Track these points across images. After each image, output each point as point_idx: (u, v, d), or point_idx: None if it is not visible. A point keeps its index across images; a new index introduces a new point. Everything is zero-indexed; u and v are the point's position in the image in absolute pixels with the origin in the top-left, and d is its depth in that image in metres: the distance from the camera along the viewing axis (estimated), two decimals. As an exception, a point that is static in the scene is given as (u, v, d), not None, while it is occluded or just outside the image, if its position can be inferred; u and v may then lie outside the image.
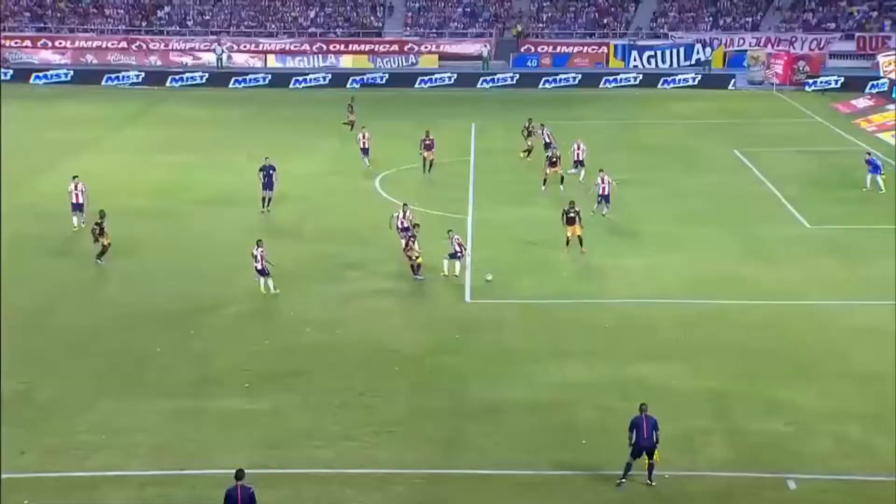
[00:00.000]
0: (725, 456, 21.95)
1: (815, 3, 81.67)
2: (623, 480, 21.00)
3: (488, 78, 72.39)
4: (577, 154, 43.83)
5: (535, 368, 26.37)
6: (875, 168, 42.44)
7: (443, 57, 78.00)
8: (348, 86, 71.45)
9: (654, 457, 20.86)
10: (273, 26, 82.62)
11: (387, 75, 73.54)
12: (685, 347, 27.58)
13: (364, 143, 46.33)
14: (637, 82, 70.47)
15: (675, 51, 76.00)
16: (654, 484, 20.91)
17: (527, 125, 48.77)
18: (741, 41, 78.59)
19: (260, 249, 31.33)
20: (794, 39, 77.73)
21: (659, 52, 76.20)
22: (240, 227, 37.79)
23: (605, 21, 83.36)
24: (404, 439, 22.94)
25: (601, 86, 70.43)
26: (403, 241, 33.05)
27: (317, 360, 27.08)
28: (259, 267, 31.34)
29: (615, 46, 77.38)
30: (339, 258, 34.84)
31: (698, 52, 75.37)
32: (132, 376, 25.98)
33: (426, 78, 72.39)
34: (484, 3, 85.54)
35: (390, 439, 22.94)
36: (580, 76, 72.05)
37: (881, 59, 67.03)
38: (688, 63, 75.08)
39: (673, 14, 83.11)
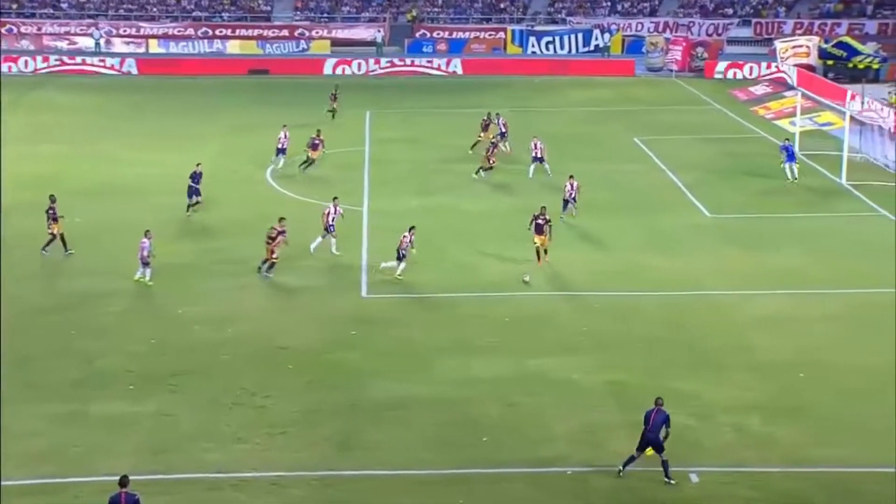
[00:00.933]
0: (629, 450, 22.16)
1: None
2: (622, 469, 21.17)
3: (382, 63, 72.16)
4: (536, 152, 43.92)
5: (435, 364, 26.41)
6: (791, 156, 43.28)
7: (335, 42, 77.58)
8: (232, 69, 70.63)
9: (649, 452, 21.00)
10: (155, 10, 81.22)
11: (276, 60, 72.76)
12: (588, 340, 27.91)
13: (283, 143, 44.39)
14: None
15: (573, 36, 76.81)
16: (671, 482, 20.97)
17: (485, 118, 48.58)
18: (639, 26, 79.91)
19: (147, 240, 31.19)
20: (691, 25, 79.34)
21: (557, 38, 76.92)
22: (123, 220, 37.13)
23: (502, 6, 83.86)
24: (299, 440, 22.77)
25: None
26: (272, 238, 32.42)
27: (206, 359, 26.74)
28: (142, 255, 31.18)
29: (513, 32, 77.87)
30: (230, 252, 34.43)
31: (597, 38, 76.29)
32: (10, 379, 25.30)
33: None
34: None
35: (284, 440, 22.75)
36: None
37: (778, 44, 68.68)
38: (586, 49, 75.99)
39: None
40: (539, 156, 43.78)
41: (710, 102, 61.04)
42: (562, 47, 76.37)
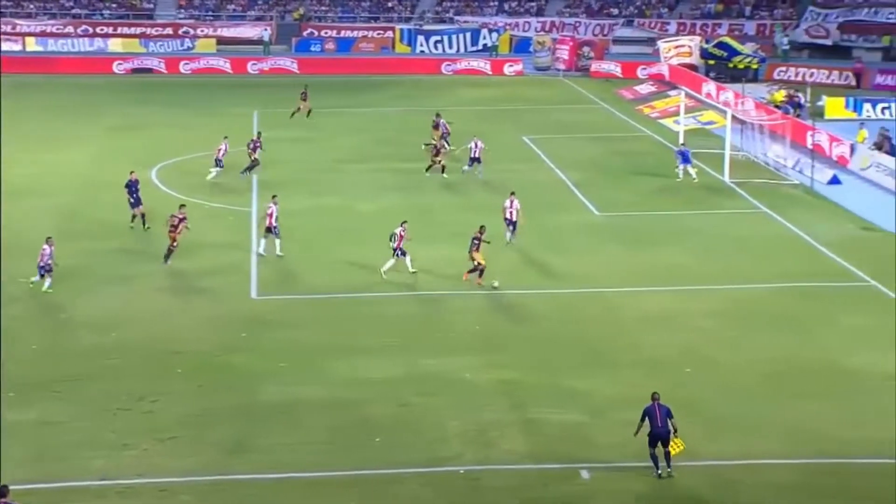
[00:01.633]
0: (521, 448, 22.38)
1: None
2: (659, 472, 21.13)
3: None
4: (475, 151, 43.70)
5: (327, 365, 26.27)
6: (686, 160, 44.05)
7: (221, 41, 76.75)
8: (115, 69, 69.31)
9: (671, 447, 21.04)
10: (32, 6, 79.20)
11: (161, 60, 71.63)
12: (481, 339, 28.04)
13: (220, 154, 42.53)
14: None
15: (461, 36, 77.24)
16: (672, 473, 21.08)
17: (434, 119, 48.25)
18: (526, 26, 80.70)
19: (48, 247, 30.51)
20: (578, 25, 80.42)
21: (445, 37, 77.26)
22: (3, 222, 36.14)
23: (390, 5, 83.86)
24: (188, 445, 22.44)
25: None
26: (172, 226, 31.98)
27: (91, 364, 26.19)
28: (43, 262, 30.42)
29: (401, 31, 77.97)
30: (115, 255, 33.79)
31: (485, 38, 76.83)
32: None
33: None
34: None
35: (173, 445, 22.40)
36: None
37: (662, 45, 70.04)
38: (475, 48, 76.46)
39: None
40: (477, 156, 43.74)
41: (597, 101, 61.82)
42: (450, 46, 76.71)
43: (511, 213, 34.78)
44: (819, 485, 21.17)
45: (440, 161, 43.33)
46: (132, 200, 36.81)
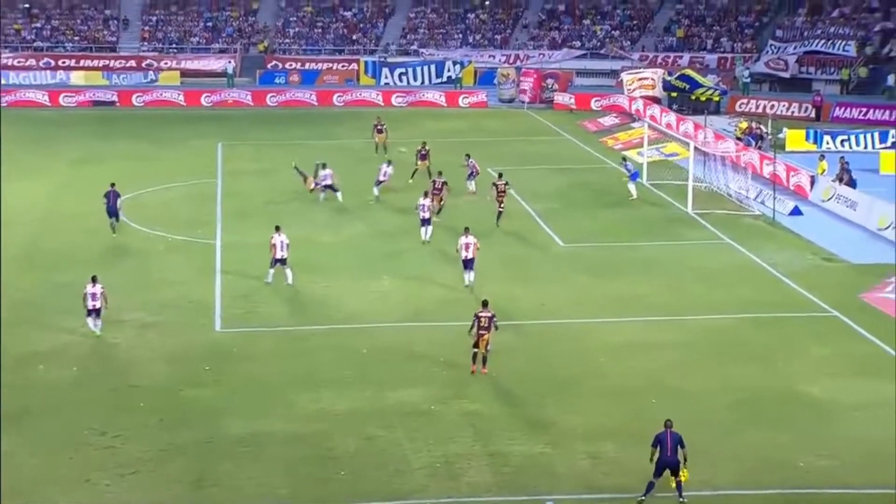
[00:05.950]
0: (486, 480, 22.28)
1: (560, 22, 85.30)
2: (643, 498, 21.13)
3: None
4: (475, 170, 45.65)
5: (290, 398, 26.10)
6: (633, 175, 44.34)
7: (185, 74, 76.60)
8: (74, 101, 69.01)
9: (681, 476, 21.05)
10: (-7, 39, 78.90)
11: (118, 93, 71.22)
12: (445, 370, 27.95)
13: (382, 175, 44.78)
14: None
15: (426, 68, 77.56)
16: (684, 501, 21.06)
17: (420, 148, 48.37)
18: (490, 58, 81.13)
19: (95, 287, 29.80)
20: (541, 57, 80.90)
21: (410, 69, 77.52)
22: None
23: (354, 37, 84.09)
24: (151, 480, 22.20)
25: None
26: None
27: (51, 398, 25.89)
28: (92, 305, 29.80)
29: (366, 63, 78.16)
30: (77, 287, 33.44)
31: (449, 70, 77.17)
32: None
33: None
34: (227, 18, 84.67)
35: (136, 481, 22.15)
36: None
37: (625, 77, 70.56)
38: (439, 80, 76.74)
39: (423, 30, 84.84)
40: (475, 173, 45.61)
41: (561, 133, 62.11)
42: (415, 79, 76.95)
43: (466, 252, 33.60)
44: (784, 514, 21.20)
45: (438, 203, 41.45)
46: (108, 208, 38.51)
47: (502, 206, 41.16)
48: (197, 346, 29.37)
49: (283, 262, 33.73)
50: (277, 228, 34.22)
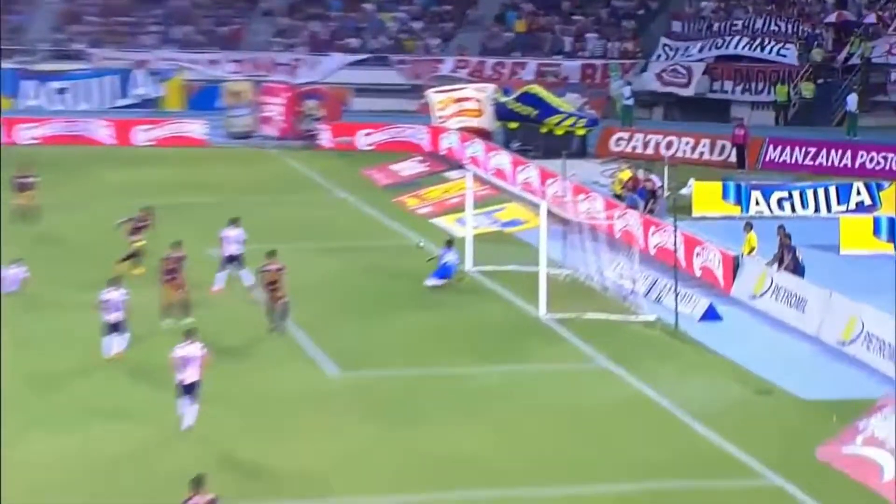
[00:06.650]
0: None
1: (325, 6, 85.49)
2: None
3: None
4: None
5: None
6: (442, 269, 45.78)
7: None
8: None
9: None
10: None
11: None
12: None
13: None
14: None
15: (101, 81, 77.35)
16: None
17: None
18: (212, 65, 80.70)
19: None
20: (297, 65, 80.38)
21: (73, 84, 77.86)
22: None
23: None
24: None
25: None
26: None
27: None
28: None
29: None
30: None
31: (140, 84, 76.90)
32: None
33: None
34: None
35: None
36: None
37: (433, 96, 70.51)
38: (124, 101, 76.46)
39: (94, 19, 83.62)
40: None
41: (332, 189, 63.31)
42: (86, 99, 76.24)
43: (184, 370, 34.07)
44: None
45: None
46: None
47: (282, 300, 42.11)
48: None
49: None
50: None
